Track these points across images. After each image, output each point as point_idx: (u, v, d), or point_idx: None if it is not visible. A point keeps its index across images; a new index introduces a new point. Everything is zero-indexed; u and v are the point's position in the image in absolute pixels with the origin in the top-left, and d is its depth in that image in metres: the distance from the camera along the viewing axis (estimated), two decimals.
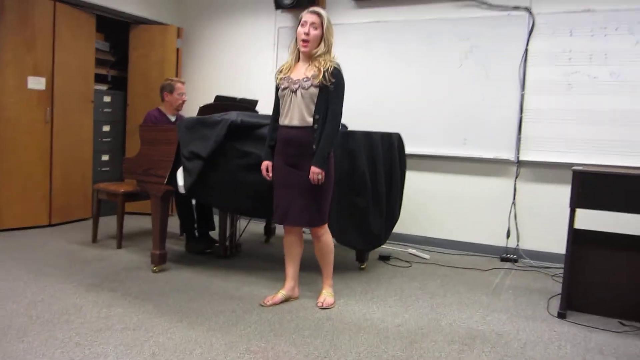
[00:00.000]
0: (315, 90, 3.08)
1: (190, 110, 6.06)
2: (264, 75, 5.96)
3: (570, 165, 3.89)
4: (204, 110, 4.15)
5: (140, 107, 5.80)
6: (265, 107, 5.63)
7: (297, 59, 3.23)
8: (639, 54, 4.22)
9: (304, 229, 3.43)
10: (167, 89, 4.59)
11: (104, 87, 6.16)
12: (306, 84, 3.09)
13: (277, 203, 3.25)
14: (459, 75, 4.89)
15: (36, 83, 5.11)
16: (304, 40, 3.11)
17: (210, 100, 4.52)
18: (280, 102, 3.22)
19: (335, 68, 3.10)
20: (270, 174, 3.27)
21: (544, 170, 4.62)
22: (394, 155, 4.11)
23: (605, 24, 4.31)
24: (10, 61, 4.91)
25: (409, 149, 4.55)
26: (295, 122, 3.13)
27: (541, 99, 4.56)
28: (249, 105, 4.64)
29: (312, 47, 3.12)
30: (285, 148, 3.18)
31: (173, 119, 4.67)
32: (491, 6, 4.76)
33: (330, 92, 3.09)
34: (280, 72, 3.26)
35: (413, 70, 5.09)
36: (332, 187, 3.26)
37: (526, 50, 4.59)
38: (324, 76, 3.05)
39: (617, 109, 4.29)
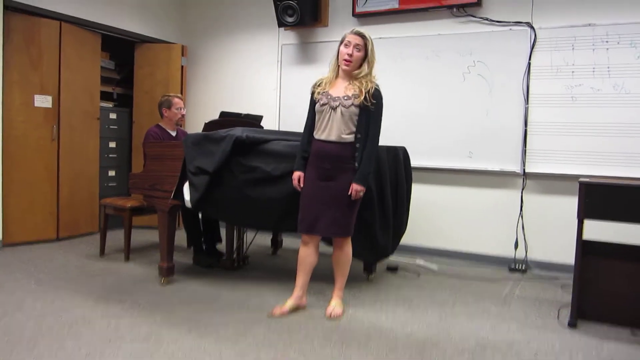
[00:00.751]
0: (355, 110, 3.15)
1: (196, 126, 6.13)
2: (267, 91, 6.03)
3: (576, 176, 3.89)
4: (209, 126, 4.19)
5: (145, 124, 5.83)
6: (269, 123, 5.71)
7: (336, 75, 3.28)
8: None
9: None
10: (165, 104, 4.65)
11: (109, 105, 6.22)
12: (347, 103, 3.15)
13: (305, 214, 3.27)
14: (462, 90, 4.92)
15: (43, 101, 5.16)
16: (346, 60, 3.17)
17: (215, 116, 4.56)
18: (318, 116, 3.26)
19: (376, 89, 3.19)
20: (302, 184, 3.31)
21: (550, 182, 4.63)
22: (399, 168, 4.12)
23: (606, 38, 4.35)
24: (17, 80, 4.96)
25: (415, 163, 4.56)
26: (333, 138, 3.19)
27: (545, 111, 4.59)
28: (254, 120, 4.68)
29: (354, 68, 3.19)
30: (320, 161, 3.23)
31: (174, 134, 4.71)
32: (492, 21, 4.82)
33: (371, 112, 3.17)
34: (319, 86, 3.30)
35: (417, 86, 5.13)
36: (360, 201, 3.31)
37: (529, 64, 4.63)
38: (365, 98, 3.12)
39: (621, 121, 4.31)
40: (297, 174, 3.32)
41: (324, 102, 3.22)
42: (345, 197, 3.19)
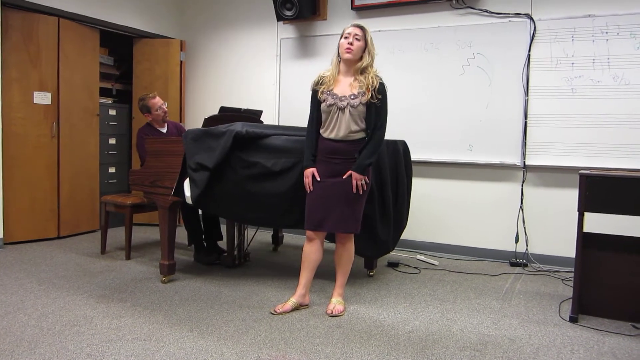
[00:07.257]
0: (363, 108, 3.17)
1: (195, 122, 6.12)
2: (267, 85, 6.02)
3: (577, 169, 3.88)
4: (209, 121, 4.17)
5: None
6: (269, 118, 5.69)
7: (338, 72, 3.28)
8: None
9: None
10: (144, 110, 4.65)
11: (109, 101, 6.21)
12: (354, 102, 3.16)
13: (312, 211, 3.27)
14: (462, 82, 4.90)
15: (42, 98, 5.15)
16: (347, 48, 3.18)
17: (215, 111, 4.54)
18: (324, 116, 3.26)
19: (380, 84, 3.19)
20: (318, 178, 3.27)
21: (551, 175, 4.62)
22: (399, 162, 4.11)
23: (606, 29, 4.33)
24: (16, 77, 4.95)
25: (415, 156, 4.55)
26: (341, 136, 3.21)
27: (545, 103, 4.57)
28: (254, 115, 4.67)
29: (356, 56, 3.20)
30: (329, 157, 3.24)
31: (164, 130, 4.72)
32: (492, 13, 4.79)
33: (377, 107, 3.18)
34: (321, 84, 3.28)
35: (416, 78, 5.10)
36: (366, 196, 3.33)
37: (528, 56, 4.61)
38: (372, 95, 3.14)
39: (622, 112, 4.29)
40: (310, 171, 3.28)
41: (330, 102, 3.20)
42: (352, 193, 3.20)
